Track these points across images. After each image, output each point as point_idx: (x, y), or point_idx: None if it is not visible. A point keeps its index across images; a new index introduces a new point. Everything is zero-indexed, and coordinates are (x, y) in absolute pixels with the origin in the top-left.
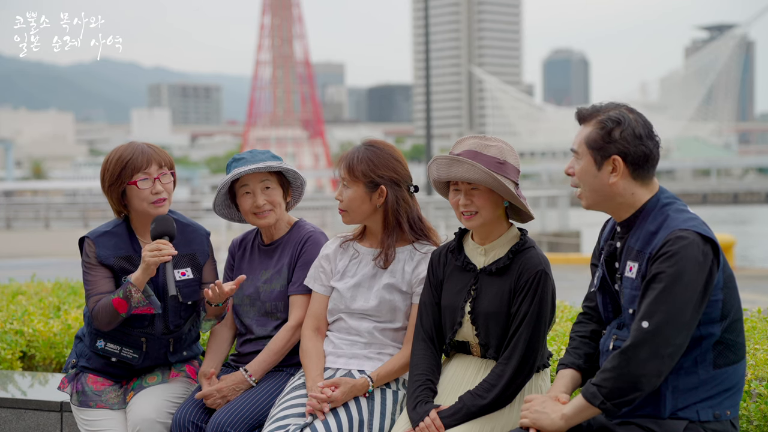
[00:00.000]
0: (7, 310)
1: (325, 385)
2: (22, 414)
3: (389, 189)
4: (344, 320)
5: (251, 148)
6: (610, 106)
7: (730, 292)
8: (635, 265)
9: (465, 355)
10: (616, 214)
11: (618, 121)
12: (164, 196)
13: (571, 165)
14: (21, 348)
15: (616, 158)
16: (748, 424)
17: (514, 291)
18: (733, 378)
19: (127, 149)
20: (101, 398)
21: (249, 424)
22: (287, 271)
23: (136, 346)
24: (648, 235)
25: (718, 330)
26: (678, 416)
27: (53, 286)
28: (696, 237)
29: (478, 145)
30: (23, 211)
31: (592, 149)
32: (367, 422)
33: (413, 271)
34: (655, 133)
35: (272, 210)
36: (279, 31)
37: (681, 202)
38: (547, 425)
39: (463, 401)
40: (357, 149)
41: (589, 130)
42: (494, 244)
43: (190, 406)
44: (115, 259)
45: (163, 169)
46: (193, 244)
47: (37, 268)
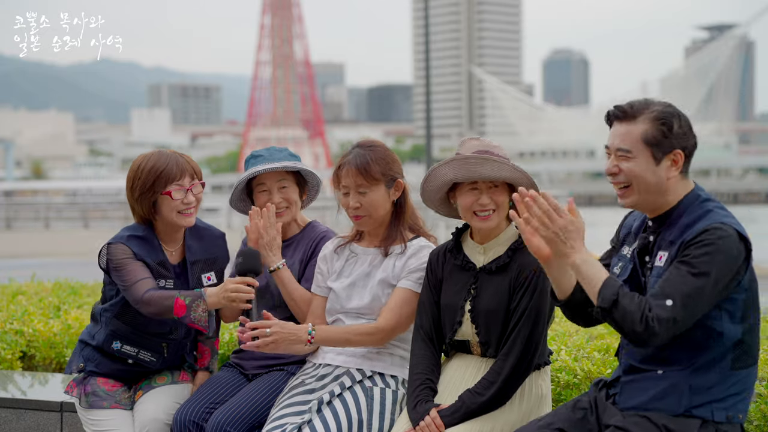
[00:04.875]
0: (7, 310)
1: (262, 326)
2: (22, 414)
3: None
4: (342, 321)
5: (250, 149)
6: (651, 102)
7: (752, 294)
8: (665, 254)
9: (465, 354)
10: (656, 210)
11: (677, 115)
12: (194, 206)
13: (615, 164)
14: (21, 348)
15: (678, 152)
16: (749, 424)
17: (513, 288)
18: (746, 381)
19: (160, 159)
20: (114, 398)
21: (249, 423)
22: (298, 267)
23: (156, 351)
24: (684, 226)
25: (738, 330)
26: (693, 414)
27: (53, 286)
28: (734, 233)
29: (487, 145)
30: (23, 211)
31: (652, 146)
32: (366, 422)
33: (403, 265)
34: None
35: (288, 208)
36: (279, 31)
37: (719, 201)
38: (562, 248)
39: (463, 400)
40: (358, 154)
41: (645, 127)
42: (493, 242)
43: (191, 405)
44: (152, 261)
45: (194, 180)
46: (213, 248)
47: (37, 268)
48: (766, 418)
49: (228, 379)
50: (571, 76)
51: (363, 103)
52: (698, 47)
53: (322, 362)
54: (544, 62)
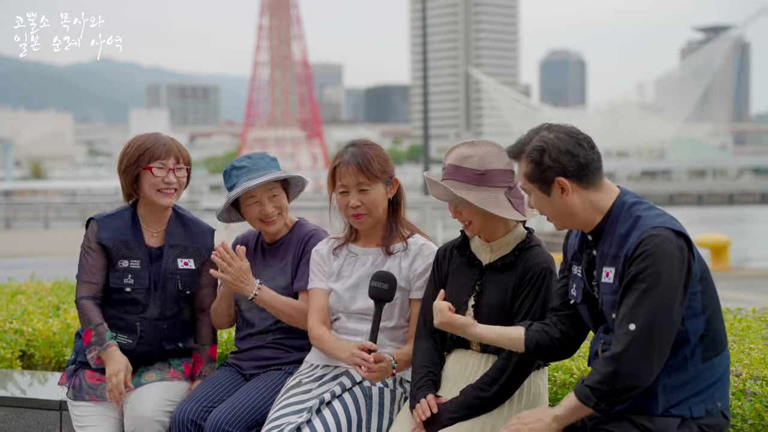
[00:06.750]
0: (7, 309)
1: (363, 348)
2: (22, 412)
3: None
4: (343, 321)
5: (249, 149)
6: (531, 135)
7: (707, 282)
8: (611, 269)
9: (465, 350)
10: (585, 226)
11: (542, 149)
12: (174, 187)
13: (529, 200)
14: (20, 347)
15: (559, 179)
16: (743, 422)
17: (518, 287)
18: (719, 369)
19: (150, 137)
20: (96, 392)
21: (247, 422)
22: (290, 268)
23: (131, 331)
24: (620, 238)
25: (702, 323)
26: (671, 413)
27: (52, 286)
28: (669, 233)
29: (459, 157)
30: (22, 210)
31: (534, 182)
32: (365, 421)
33: (410, 267)
34: (583, 136)
35: (280, 214)
36: (277, 32)
37: (646, 201)
38: (543, 429)
39: (465, 394)
40: (357, 152)
41: (524, 166)
42: (500, 241)
43: (190, 404)
44: (114, 241)
45: (180, 164)
46: (197, 238)
47: (37, 267)
48: (761, 417)
49: (226, 378)
50: (568, 77)
51: (361, 103)
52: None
53: (319, 363)
54: (541, 63)
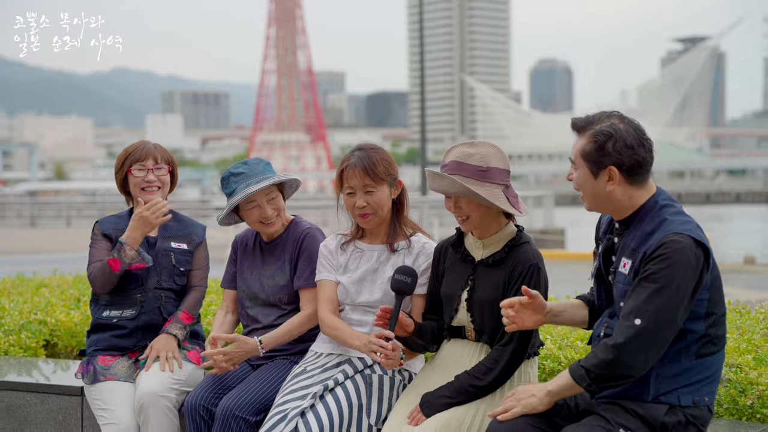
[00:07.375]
0: (32, 301)
1: (380, 336)
2: (46, 398)
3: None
4: (348, 312)
5: (257, 152)
6: (602, 117)
7: (716, 291)
8: (629, 261)
9: (460, 339)
10: (616, 214)
11: (609, 135)
12: (157, 185)
13: (571, 172)
14: (44, 337)
15: (612, 168)
16: (719, 407)
17: (507, 282)
18: (712, 367)
19: (135, 144)
20: (110, 371)
21: (256, 408)
22: (289, 266)
23: (133, 305)
24: (644, 235)
25: (701, 326)
26: (660, 400)
27: (74, 279)
28: (689, 241)
29: (462, 155)
30: (46, 209)
31: (587, 161)
32: (365, 407)
33: (413, 264)
34: (647, 137)
35: (278, 216)
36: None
37: (678, 204)
38: (536, 403)
39: (460, 380)
40: (363, 156)
41: (583, 142)
42: (492, 239)
43: (201, 390)
44: (115, 230)
45: (159, 164)
46: (191, 230)
47: (59, 262)
48: (735, 402)
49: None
50: (556, 85)
51: (362, 108)
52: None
53: (324, 351)
54: (531, 71)
